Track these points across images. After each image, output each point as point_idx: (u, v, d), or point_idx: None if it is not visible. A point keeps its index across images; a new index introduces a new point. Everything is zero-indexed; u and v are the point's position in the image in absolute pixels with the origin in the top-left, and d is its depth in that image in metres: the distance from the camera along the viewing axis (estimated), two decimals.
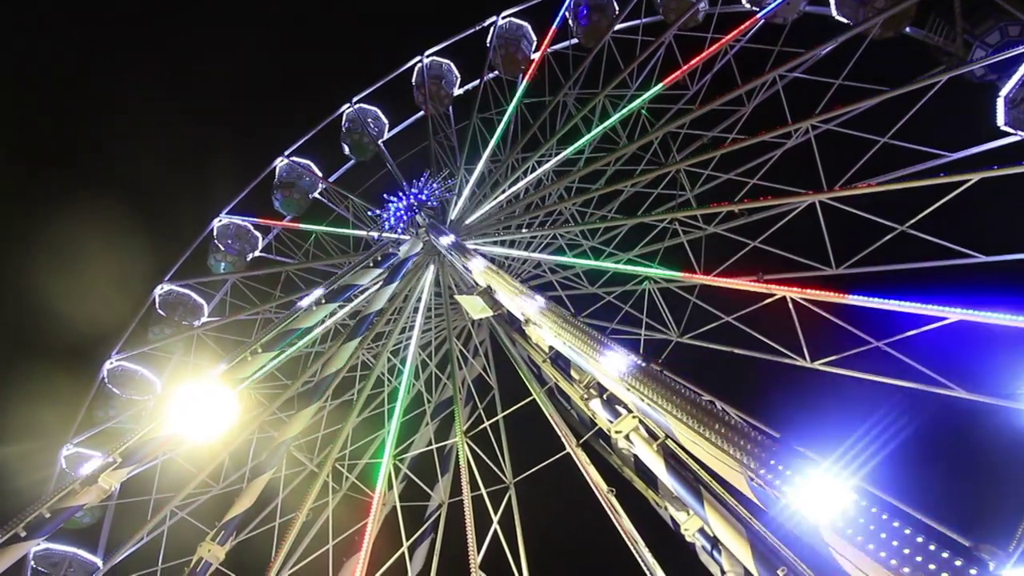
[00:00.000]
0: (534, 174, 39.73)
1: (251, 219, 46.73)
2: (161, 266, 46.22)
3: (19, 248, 53.99)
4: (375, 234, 41.30)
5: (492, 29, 45.59)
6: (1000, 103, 28.65)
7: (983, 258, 27.22)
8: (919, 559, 10.08)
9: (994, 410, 24.64)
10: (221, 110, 69.58)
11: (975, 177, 26.31)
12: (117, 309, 46.85)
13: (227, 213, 46.86)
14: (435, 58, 47.76)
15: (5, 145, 56.31)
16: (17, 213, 56.85)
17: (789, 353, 29.85)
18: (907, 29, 33.00)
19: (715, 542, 18.94)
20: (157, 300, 44.89)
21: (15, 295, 50.73)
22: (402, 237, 37.63)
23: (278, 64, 71.15)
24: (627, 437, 20.69)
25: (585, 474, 26.06)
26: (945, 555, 10.03)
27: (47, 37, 61.89)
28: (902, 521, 10.63)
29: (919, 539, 10.30)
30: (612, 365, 18.37)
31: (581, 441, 26.54)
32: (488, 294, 26.37)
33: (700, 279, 32.25)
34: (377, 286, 33.42)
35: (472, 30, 46.73)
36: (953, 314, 24.94)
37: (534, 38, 45.84)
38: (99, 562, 35.27)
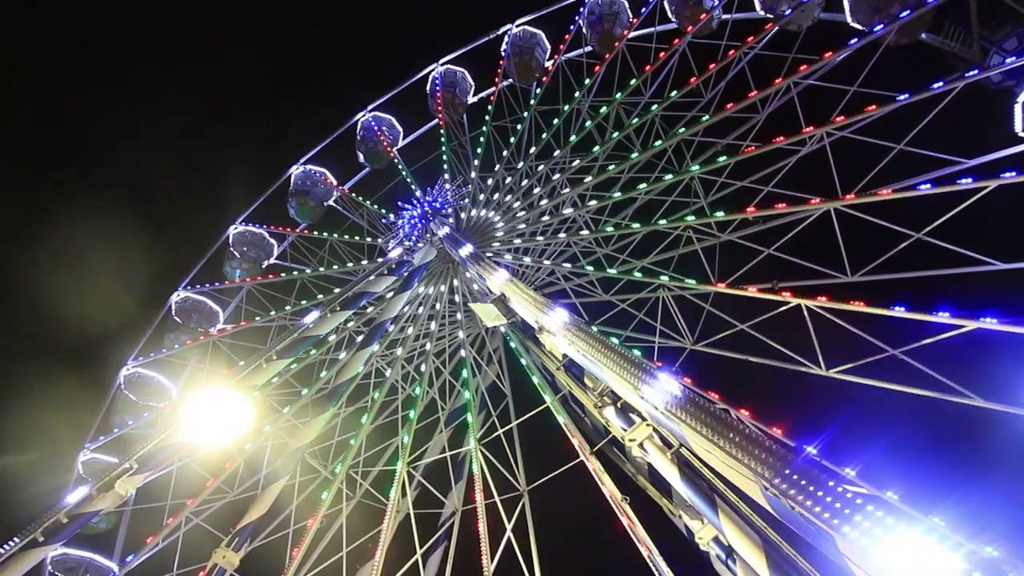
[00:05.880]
0: (548, 182, 39.87)
1: (266, 227, 47.09)
2: (174, 272, 46.68)
3: (30, 253, 54.38)
4: (390, 242, 41.46)
5: (506, 37, 45.78)
6: (1017, 109, 28.46)
7: (1001, 265, 26.93)
8: None
9: (1012, 418, 24.40)
10: (235, 117, 70.11)
11: (992, 184, 26.11)
12: (130, 315, 47.29)
13: (242, 220, 47.23)
14: (450, 66, 48.01)
15: (16, 148, 56.97)
16: (28, 218, 57.50)
17: (804, 361, 29.61)
18: (923, 35, 32.84)
19: (730, 551, 18.84)
20: (173, 307, 45.23)
21: (29, 301, 51.17)
22: (416, 244, 37.76)
23: (293, 71, 71.72)
24: (641, 445, 20.59)
25: (599, 482, 26.00)
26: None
27: (64, 39, 62.61)
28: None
29: None
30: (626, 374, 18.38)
31: (595, 449, 26.49)
32: (502, 302, 26.39)
33: (715, 287, 32.15)
34: (391, 294, 33.54)
35: (487, 38, 46.96)
36: (970, 322, 24.77)
37: (548, 46, 46.00)
38: (115, 567, 35.51)
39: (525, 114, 42.89)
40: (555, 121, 41.45)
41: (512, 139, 42.00)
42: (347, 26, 73.65)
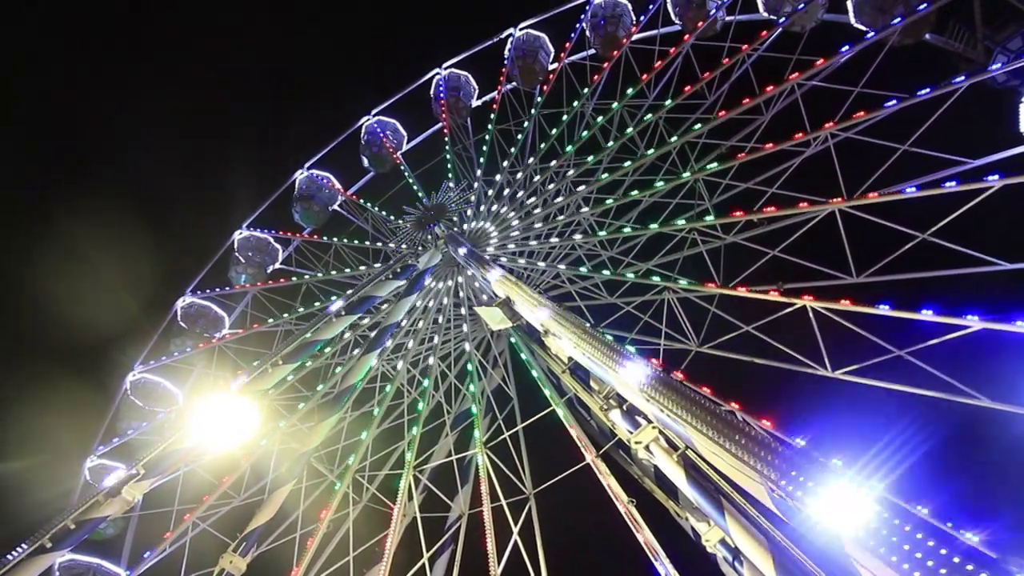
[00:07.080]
0: (552, 185, 39.87)
1: (271, 232, 47.19)
2: (179, 276, 46.70)
3: (33, 256, 54.45)
4: (394, 246, 41.50)
5: (510, 41, 45.81)
6: (1022, 109, 28.36)
7: (1007, 265, 26.85)
8: (944, 572, 9.97)
9: (1019, 419, 24.29)
10: (235, 117, 70.25)
11: (998, 184, 26.03)
12: (135, 320, 47.34)
13: (247, 225, 47.34)
14: (453, 70, 48.05)
15: (16, 148, 57.04)
16: (29, 220, 57.53)
17: (810, 363, 29.56)
18: (927, 36, 32.78)
19: (736, 553, 18.78)
20: (179, 312, 45.30)
21: (32, 304, 51.24)
22: (421, 249, 37.74)
23: (297, 76, 71.85)
24: (647, 448, 20.56)
25: (605, 485, 25.98)
26: (970, 568, 9.91)
27: (64, 39, 62.76)
28: (926, 533, 10.52)
29: (943, 551, 10.18)
30: (631, 376, 18.37)
31: (601, 452, 26.48)
32: (507, 305, 26.39)
33: (720, 289, 32.11)
34: (396, 298, 33.55)
35: (490, 42, 46.99)
36: (976, 323, 24.69)
37: (552, 49, 46.01)
38: (123, 573, 35.53)
39: (529, 117, 42.89)
40: (560, 121, 41.48)
41: (516, 142, 42.04)
42: (348, 27, 73.75)
